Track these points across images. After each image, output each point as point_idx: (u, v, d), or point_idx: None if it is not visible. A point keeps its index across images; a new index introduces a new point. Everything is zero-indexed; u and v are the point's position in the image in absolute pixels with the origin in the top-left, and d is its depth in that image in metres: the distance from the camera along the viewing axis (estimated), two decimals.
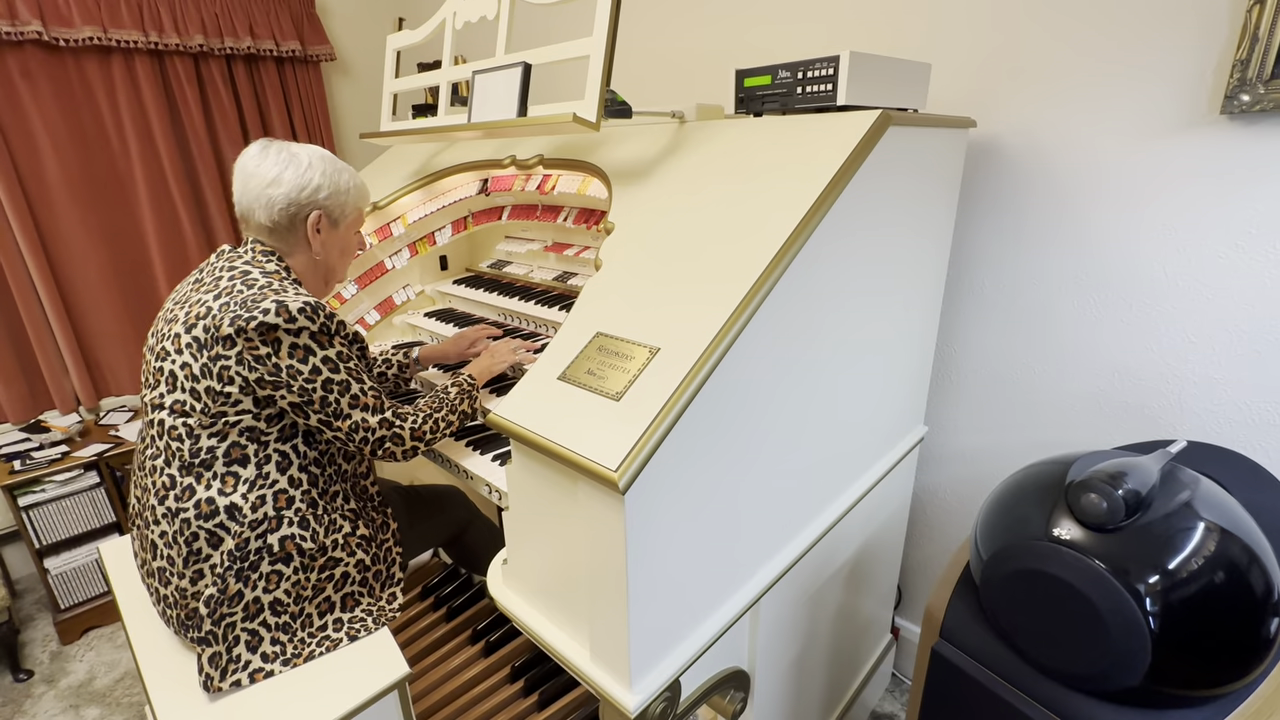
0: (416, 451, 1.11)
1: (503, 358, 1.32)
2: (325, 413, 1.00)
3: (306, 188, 1.07)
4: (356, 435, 1.04)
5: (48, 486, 1.98)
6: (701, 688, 0.97)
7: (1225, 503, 0.76)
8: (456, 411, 1.17)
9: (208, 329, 0.96)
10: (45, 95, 2.03)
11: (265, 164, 1.06)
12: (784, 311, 0.85)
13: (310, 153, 1.09)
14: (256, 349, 0.95)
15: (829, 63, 0.98)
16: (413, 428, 1.09)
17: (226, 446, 0.99)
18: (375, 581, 1.15)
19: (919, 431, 1.44)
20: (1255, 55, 0.99)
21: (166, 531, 1.01)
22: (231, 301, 0.97)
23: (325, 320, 0.98)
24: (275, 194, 1.05)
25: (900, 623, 1.80)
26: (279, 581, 1.02)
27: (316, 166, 1.08)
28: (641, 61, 1.91)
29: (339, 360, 1.00)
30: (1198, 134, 1.09)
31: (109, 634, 2.12)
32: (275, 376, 0.96)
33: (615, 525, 0.73)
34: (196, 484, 0.99)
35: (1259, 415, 1.13)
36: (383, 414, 1.05)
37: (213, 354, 0.96)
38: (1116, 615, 0.70)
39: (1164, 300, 1.18)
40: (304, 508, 1.04)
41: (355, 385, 1.02)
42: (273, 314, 0.94)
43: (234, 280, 1.01)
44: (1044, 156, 1.26)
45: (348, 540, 1.10)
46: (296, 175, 1.06)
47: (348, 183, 1.12)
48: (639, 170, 1.14)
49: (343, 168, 1.12)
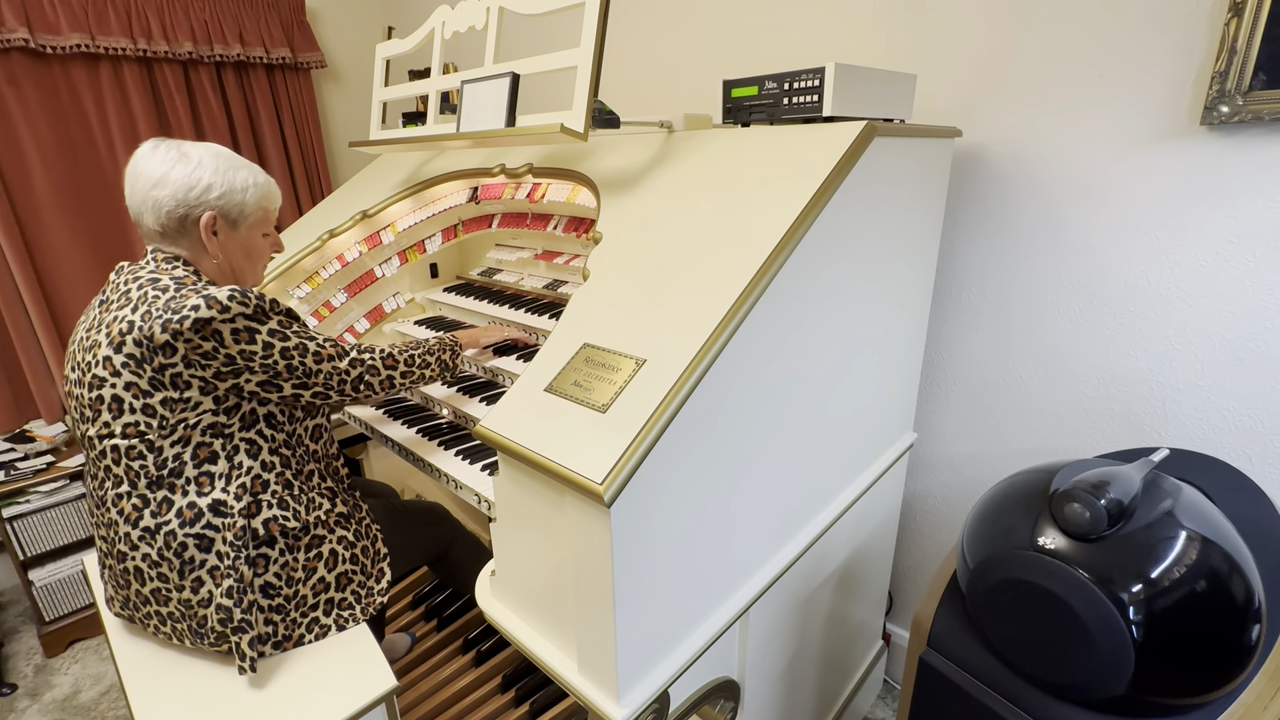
0: (392, 382, 1.13)
1: (493, 333, 1.39)
2: (295, 378, 1.00)
3: (195, 187, 1.00)
4: (334, 382, 1.05)
5: (32, 497, 1.95)
6: (691, 698, 0.96)
7: (1207, 511, 0.77)
8: (434, 355, 1.20)
9: (139, 342, 0.92)
10: (32, 103, 2.02)
11: (152, 163, 1.00)
12: (771, 322, 0.86)
13: (203, 151, 1.03)
14: (199, 346, 0.92)
15: (815, 74, 0.98)
16: (383, 357, 1.12)
17: (193, 449, 0.98)
18: (365, 558, 1.15)
19: (908, 438, 1.45)
20: (1233, 68, 1.00)
21: (149, 553, 0.99)
22: (152, 309, 0.93)
23: (258, 301, 0.96)
24: (161, 195, 1.00)
25: (891, 629, 1.81)
26: (267, 565, 1.02)
27: (208, 164, 1.01)
28: (632, 68, 1.92)
29: (283, 328, 0.99)
30: (1179, 144, 1.10)
31: (94, 646, 2.10)
32: (231, 365, 0.95)
33: (601, 538, 0.73)
34: (172, 494, 0.98)
35: (1241, 422, 1.14)
36: (349, 354, 1.08)
37: (155, 365, 0.92)
38: (1100, 624, 0.70)
39: (1148, 308, 1.20)
40: (279, 489, 1.04)
41: (310, 344, 1.02)
42: (204, 308, 0.91)
43: (144, 289, 0.97)
44: (1029, 166, 1.28)
45: (328, 516, 1.10)
46: (184, 174, 1.00)
47: (245, 181, 1.05)
48: (627, 180, 1.15)
49: (240, 164, 1.06)
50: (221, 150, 1.06)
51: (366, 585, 1.15)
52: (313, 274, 1.66)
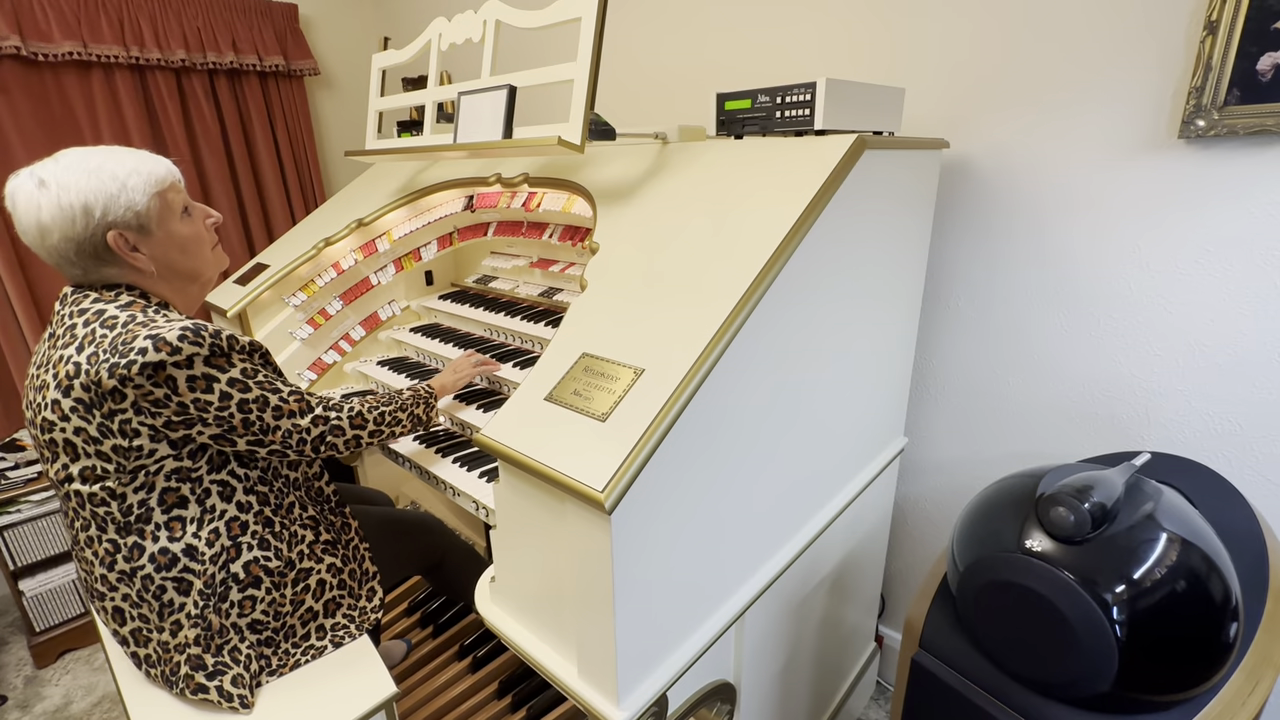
0: (359, 442, 1.06)
1: (465, 373, 1.32)
2: (251, 434, 0.94)
3: (76, 220, 0.88)
4: (292, 441, 0.98)
5: (23, 507, 1.94)
6: (688, 701, 0.98)
7: (1186, 513, 0.79)
8: (407, 411, 1.13)
9: (86, 386, 0.85)
10: (23, 111, 2.01)
11: (22, 213, 0.89)
12: (766, 332, 0.88)
13: (60, 170, 0.89)
14: (150, 393, 0.85)
15: (806, 88, 1.01)
16: (351, 416, 1.04)
17: (159, 495, 0.92)
18: (352, 581, 1.14)
19: (899, 443, 1.48)
20: (1209, 83, 1.04)
21: (129, 594, 0.96)
22: (99, 350, 0.86)
23: (213, 340, 0.88)
24: (53, 243, 0.89)
25: (884, 630, 1.83)
26: (253, 606, 1.01)
27: (71, 187, 0.88)
28: (625, 79, 1.94)
29: (245, 378, 0.92)
30: (1158, 157, 1.13)
31: (86, 656, 2.08)
32: (184, 415, 0.88)
33: (602, 544, 0.74)
34: (142, 539, 0.93)
35: (1220, 425, 1.17)
36: (312, 412, 0.99)
37: (104, 411, 0.86)
38: (1085, 624, 0.73)
39: (1129, 315, 1.23)
40: (260, 529, 1.00)
41: (273, 397, 0.95)
42: (151, 351, 0.83)
43: (90, 326, 0.89)
44: (1014, 176, 1.31)
45: (313, 549, 1.07)
46: (55, 210, 0.87)
47: (122, 180, 0.90)
48: (623, 190, 1.17)
49: (102, 163, 0.90)
50: (76, 162, 0.90)
51: (358, 606, 1.14)
52: (308, 281, 1.67)
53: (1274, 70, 0.98)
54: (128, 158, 0.93)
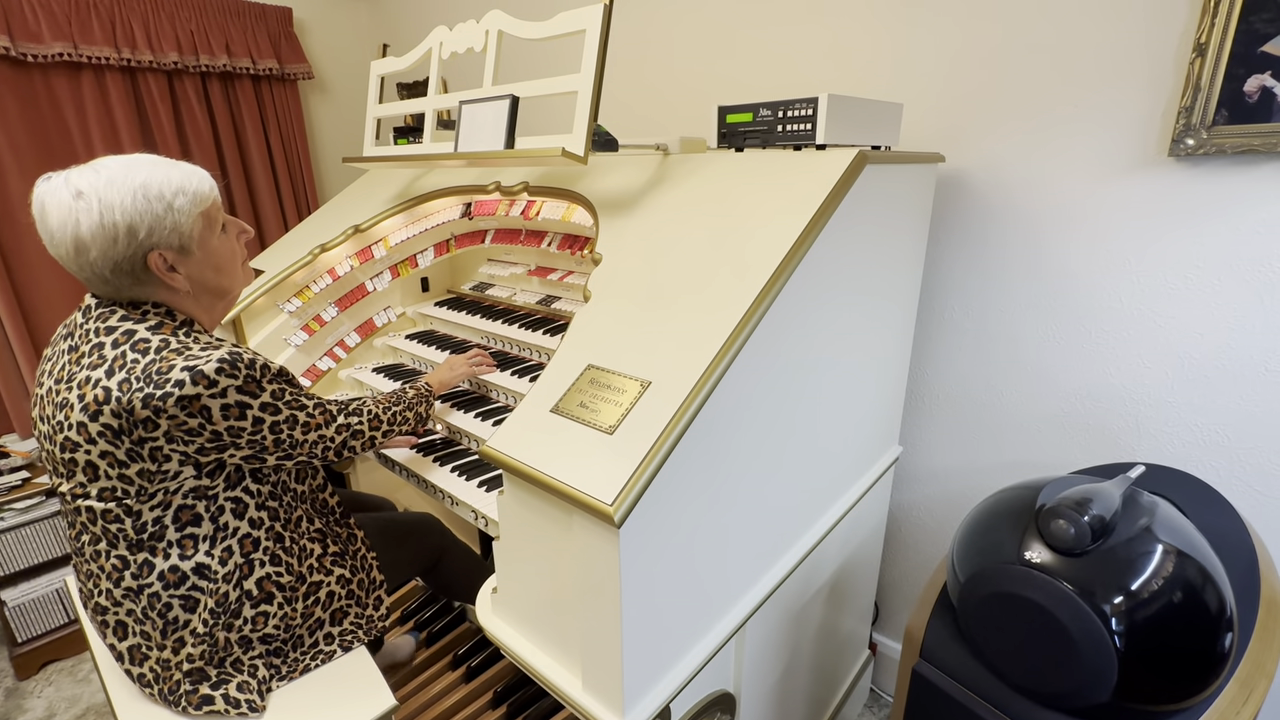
0: (374, 442, 1.12)
1: (460, 370, 1.36)
2: (281, 450, 0.96)
3: (119, 240, 0.84)
4: (319, 450, 1.02)
5: (7, 515, 1.90)
6: (690, 712, 0.98)
7: (1181, 525, 0.81)
8: (413, 410, 1.20)
9: (117, 414, 0.83)
10: (11, 112, 1.98)
11: (58, 232, 0.84)
12: (770, 345, 0.89)
13: (102, 193, 0.83)
14: (184, 423, 0.85)
15: (808, 103, 1.02)
16: (370, 419, 1.10)
17: (174, 513, 0.92)
18: (360, 590, 1.15)
19: (894, 452, 1.49)
20: (1198, 103, 1.06)
21: (134, 610, 0.95)
22: (132, 377, 0.84)
23: (248, 371, 0.88)
24: (90, 259, 0.85)
25: (878, 638, 1.84)
26: (265, 621, 1.01)
27: (116, 207, 0.83)
28: (625, 89, 1.95)
29: (276, 400, 0.93)
30: (1148, 174, 1.16)
31: (69, 668, 2.04)
32: (217, 442, 0.89)
33: (610, 558, 0.74)
34: (153, 557, 0.93)
35: (1208, 436, 1.20)
36: (336, 421, 1.04)
37: (135, 438, 0.85)
38: (1085, 635, 0.74)
39: (1121, 328, 1.25)
40: (271, 545, 1.01)
41: (301, 414, 0.97)
42: (189, 384, 0.83)
43: (120, 348, 0.87)
44: (1009, 190, 1.33)
45: (321, 561, 1.09)
46: (98, 231, 0.83)
47: (168, 200, 0.87)
48: (626, 201, 1.17)
49: (150, 181, 0.86)
50: (117, 172, 0.85)
51: (365, 614, 1.15)
52: (303, 288, 1.65)
53: (1260, 92, 1.01)
54: (174, 174, 0.89)
